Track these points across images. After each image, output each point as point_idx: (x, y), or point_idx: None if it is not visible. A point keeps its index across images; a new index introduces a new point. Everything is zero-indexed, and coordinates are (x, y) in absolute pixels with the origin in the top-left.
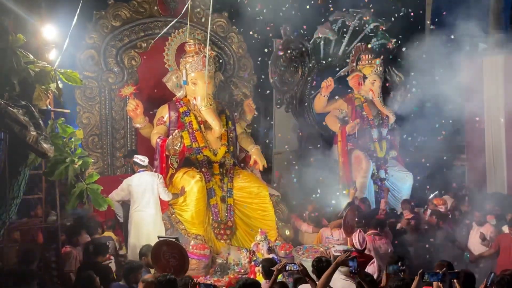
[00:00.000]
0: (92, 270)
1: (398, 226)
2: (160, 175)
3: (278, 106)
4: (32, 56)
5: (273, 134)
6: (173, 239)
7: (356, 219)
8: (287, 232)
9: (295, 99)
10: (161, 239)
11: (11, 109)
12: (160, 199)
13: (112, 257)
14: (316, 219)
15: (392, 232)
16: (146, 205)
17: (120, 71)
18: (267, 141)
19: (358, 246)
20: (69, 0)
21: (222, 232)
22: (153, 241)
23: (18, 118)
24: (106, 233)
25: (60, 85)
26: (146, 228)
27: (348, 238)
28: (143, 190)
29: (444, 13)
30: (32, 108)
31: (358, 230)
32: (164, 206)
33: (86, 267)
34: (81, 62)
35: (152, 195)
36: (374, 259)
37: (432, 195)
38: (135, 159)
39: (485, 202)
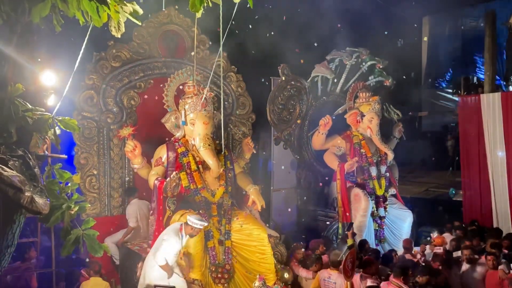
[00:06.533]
0: None
1: None
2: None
3: (276, 143)
4: (29, 105)
5: (272, 171)
6: None
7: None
8: (286, 275)
9: (293, 137)
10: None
11: (5, 173)
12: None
13: None
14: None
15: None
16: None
17: (119, 111)
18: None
19: None
20: (70, 43)
21: (219, 276)
22: None
23: (12, 182)
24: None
25: (58, 131)
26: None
27: (348, 283)
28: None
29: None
30: (29, 155)
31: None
32: None
33: None
34: (80, 103)
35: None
36: None
37: (435, 235)
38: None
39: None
